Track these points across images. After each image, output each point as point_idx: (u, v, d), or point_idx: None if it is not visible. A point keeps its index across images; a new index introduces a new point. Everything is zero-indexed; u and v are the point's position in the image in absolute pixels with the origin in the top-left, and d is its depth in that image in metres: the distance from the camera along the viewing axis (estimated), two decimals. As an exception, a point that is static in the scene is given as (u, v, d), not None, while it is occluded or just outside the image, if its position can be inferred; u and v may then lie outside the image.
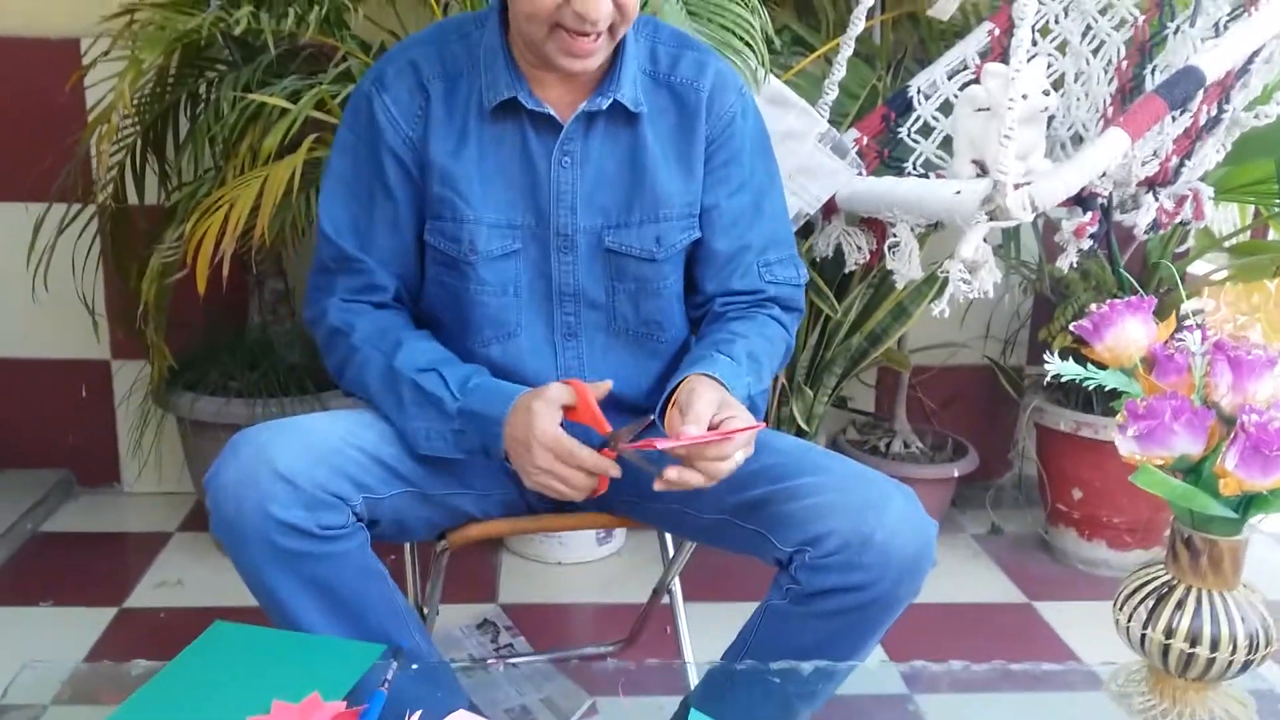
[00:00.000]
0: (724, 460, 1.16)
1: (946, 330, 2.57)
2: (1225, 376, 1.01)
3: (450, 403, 1.25)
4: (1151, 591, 1.06)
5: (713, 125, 1.34)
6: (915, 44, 2.39)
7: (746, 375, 1.28)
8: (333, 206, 1.34)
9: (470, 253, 1.31)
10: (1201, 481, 1.00)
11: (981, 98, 1.89)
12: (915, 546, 1.20)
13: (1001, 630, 2.14)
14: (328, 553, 1.20)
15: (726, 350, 1.29)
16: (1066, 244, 1.74)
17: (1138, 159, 1.73)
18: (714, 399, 1.19)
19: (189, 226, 1.79)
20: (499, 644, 1.98)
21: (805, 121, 1.92)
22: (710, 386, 1.21)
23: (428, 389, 1.26)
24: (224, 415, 2.13)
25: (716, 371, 1.24)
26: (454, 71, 1.31)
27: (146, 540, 2.37)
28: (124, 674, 1.09)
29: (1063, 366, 1.09)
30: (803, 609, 1.23)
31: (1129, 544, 2.32)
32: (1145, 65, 1.97)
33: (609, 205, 1.32)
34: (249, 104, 1.87)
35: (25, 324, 2.45)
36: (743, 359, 1.29)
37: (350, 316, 1.34)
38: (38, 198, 2.22)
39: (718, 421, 1.17)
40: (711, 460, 1.16)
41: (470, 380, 1.27)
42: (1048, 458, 2.39)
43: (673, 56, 1.34)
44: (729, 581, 1.90)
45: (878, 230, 1.98)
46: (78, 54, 2.30)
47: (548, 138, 1.30)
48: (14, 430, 2.53)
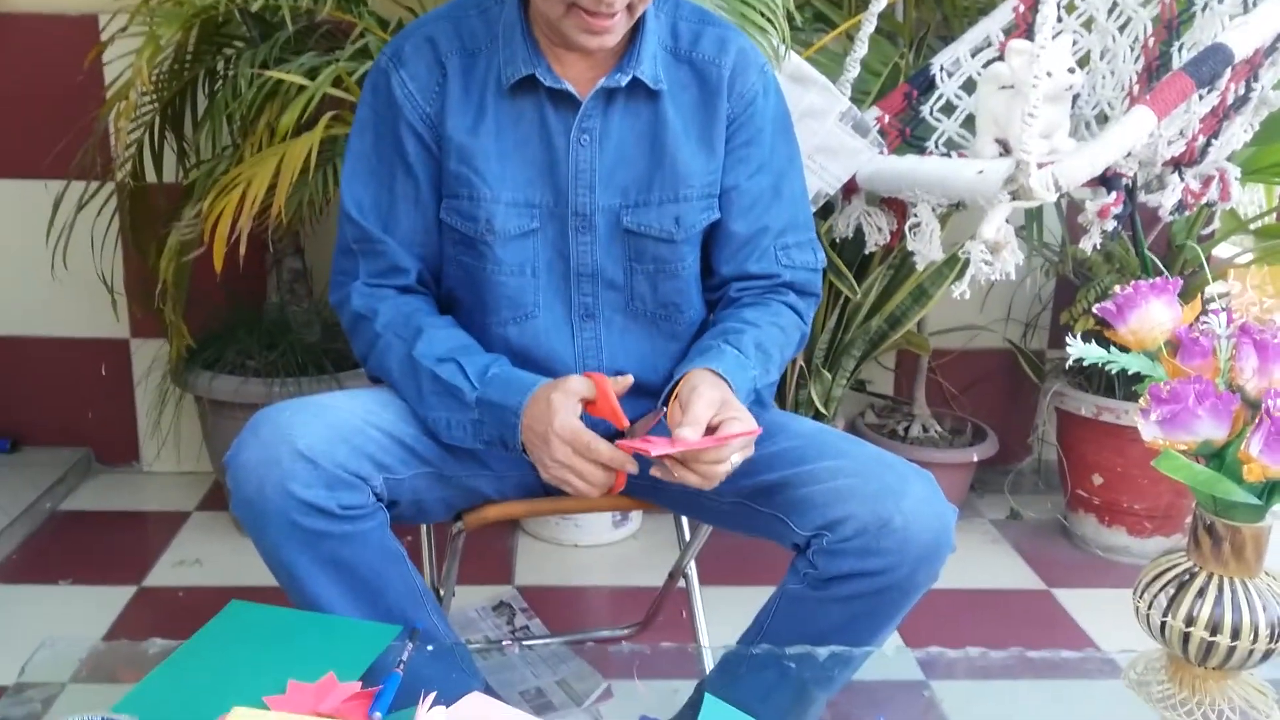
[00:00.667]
0: (720, 464, 1.15)
1: (967, 313, 2.55)
2: (1251, 360, 1.00)
3: (469, 392, 1.25)
4: (1172, 579, 1.05)
5: (734, 104, 1.32)
6: (938, 21, 2.36)
7: (753, 368, 1.27)
8: (354, 186, 1.33)
9: (487, 232, 1.30)
10: (1225, 467, 0.99)
11: (1005, 75, 1.87)
12: (934, 532, 1.19)
13: (1020, 617, 2.12)
14: (347, 532, 1.20)
15: (735, 342, 1.28)
16: (1090, 225, 1.72)
17: (1164, 138, 1.70)
18: (714, 398, 1.17)
19: (207, 204, 1.79)
20: (515, 626, 1.98)
21: (826, 99, 1.90)
22: (712, 385, 1.19)
23: (446, 379, 1.26)
24: (242, 394, 2.13)
25: (722, 366, 1.23)
26: (472, 47, 1.30)
27: (165, 519, 2.39)
28: (141, 652, 1.10)
29: (1085, 350, 1.08)
30: (820, 593, 1.22)
31: (1149, 530, 2.30)
32: (1172, 43, 1.94)
33: (628, 184, 1.31)
34: (266, 81, 1.87)
35: (45, 302, 2.46)
36: (751, 351, 1.27)
37: (374, 302, 1.33)
38: (56, 175, 2.22)
39: (716, 423, 1.16)
40: (707, 464, 1.15)
41: (489, 370, 1.26)
42: (1068, 443, 2.37)
43: (694, 33, 1.33)
44: (745, 565, 1.90)
45: (898, 210, 1.96)
46: (96, 30, 2.30)
47: (566, 115, 1.29)
48: (34, 408, 2.55)
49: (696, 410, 1.15)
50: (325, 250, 2.34)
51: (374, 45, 1.89)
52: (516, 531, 2.37)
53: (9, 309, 2.50)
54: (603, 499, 1.45)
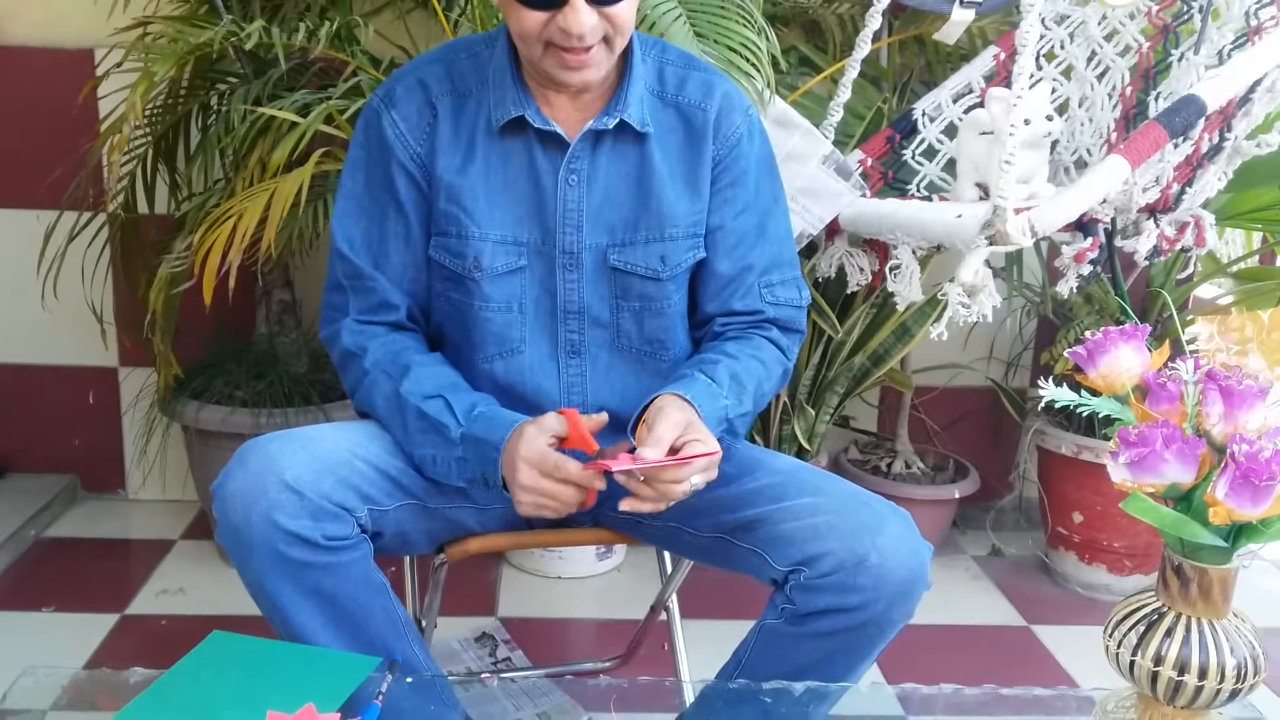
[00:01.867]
0: (677, 484, 1.17)
1: (949, 351, 2.58)
2: (1217, 405, 1.02)
3: (454, 429, 1.26)
4: (1142, 618, 1.07)
5: (719, 146, 1.35)
6: (921, 67, 2.41)
7: (725, 397, 1.29)
8: (346, 223, 1.36)
9: (474, 269, 1.32)
10: (1192, 510, 1.01)
11: (985, 121, 1.90)
12: (909, 569, 1.20)
13: (999, 653, 2.14)
14: (331, 563, 1.21)
15: (708, 371, 1.30)
16: (1067, 269, 1.75)
17: (1138, 186, 1.74)
18: (679, 420, 1.20)
19: (197, 237, 1.80)
20: (497, 657, 1.98)
21: (810, 143, 1.93)
22: (678, 407, 1.22)
23: (432, 415, 1.28)
24: (229, 424, 2.14)
25: (691, 392, 1.25)
26: (462, 90, 1.33)
27: (149, 547, 2.39)
28: (122, 681, 1.11)
29: (1057, 393, 1.10)
30: (797, 629, 1.23)
31: (1129, 569, 2.32)
32: (1149, 91, 1.98)
33: (615, 223, 1.34)
34: (259, 117, 1.89)
35: (35, 330, 2.47)
36: (724, 380, 1.30)
37: (363, 339, 1.35)
38: (49, 205, 2.24)
39: (680, 444, 1.18)
40: (665, 483, 1.17)
41: (476, 408, 1.28)
42: (1049, 480, 2.40)
43: (680, 77, 1.36)
44: (727, 599, 1.91)
45: (880, 251, 1.99)
46: (91, 64, 2.32)
47: (555, 156, 1.32)
48: (22, 435, 2.55)
49: (659, 431, 1.18)
50: (314, 283, 2.36)
51: (366, 84, 1.92)
52: (500, 563, 2.38)
53: (-1, 337, 2.51)
54: (584, 532, 1.47)
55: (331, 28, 1.83)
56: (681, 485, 1.18)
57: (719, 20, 1.75)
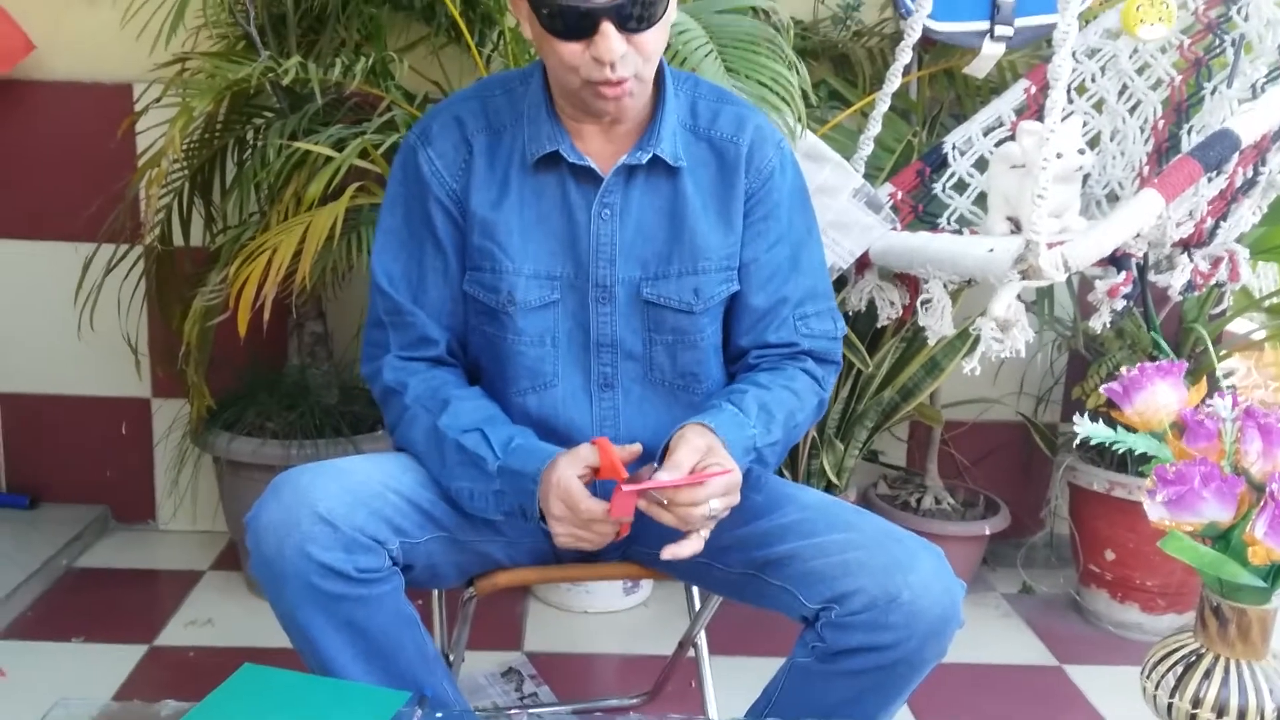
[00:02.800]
0: (695, 506, 1.17)
1: (980, 386, 2.56)
2: (1256, 443, 1.01)
3: (491, 461, 1.27)
4: (1180, 659, 1.05)
5: (752, 179, 1.36)
6: (951, 100, 2.41)
7: (752, 426, 1.28)
8: (385, 259, 1.37)
9: (509, 303, 1.33)
10: (1230, 549, 1.00)
11: (1016, 155, 1.90)
12: (942, 607, 1.19)
13: (1030, 693, 2.10)
14: (363, 595, 1.21)
15: (736, 400, 1.30)
16: (1100, 304, 1.74)
17: (1172, 220, 1.73)
18: (699, 445, 1.20)
19: (233, 270, 1.82)
20: (523, 693, 1.97)
21: (840, 176, 1.94)
22: (699, 434, 1.22)
23: (470, 448, 1.28)
24: (260, 456, 2.15)
25: (715, 421, 1.25)
26: (497, 125, 1.34)
27: (179, 578, 2.40)
28: (153, 715, 1.11)
29: (1092, 429, 1.09)
30: (828, 667, 1.22)
31: (1162, 607, 2.29)
32: (1182, 125, 1.97)
33: (648, 257, 1.34)
34: (294, 151, 1.92)
35: (70, 361, 2.50)
36: (752, 409, 1.29)
37: (404, 375, 1.36)
38: (87, 238, 2.28)
39: (701, 468, 1.19)
40: (684, 505, 1.17)
41: (513, 440, 1.28)
42: (1081, 517, 2.37)
43: (713, 111, 1.37)
44: (755, 636, 1.90)
45: (911, 285, 1.99)
46: (130, 99, 2.36)
47: (588, 190, 1.33)
48: (54, 465, 2.58)
49: (679, 456, 1.18)
50: (346, 314, 2.38)
51: (401, 118, 1.94)
52: (527, 597, 2.37)
53: (34, 367, 2.54)
54: (613, 566, 1.47)
55: (367, 63, 1.86)
56: (700, 508, 1.17)
57: (750, 55, 1.76)
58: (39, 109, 2.42)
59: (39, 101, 2.41)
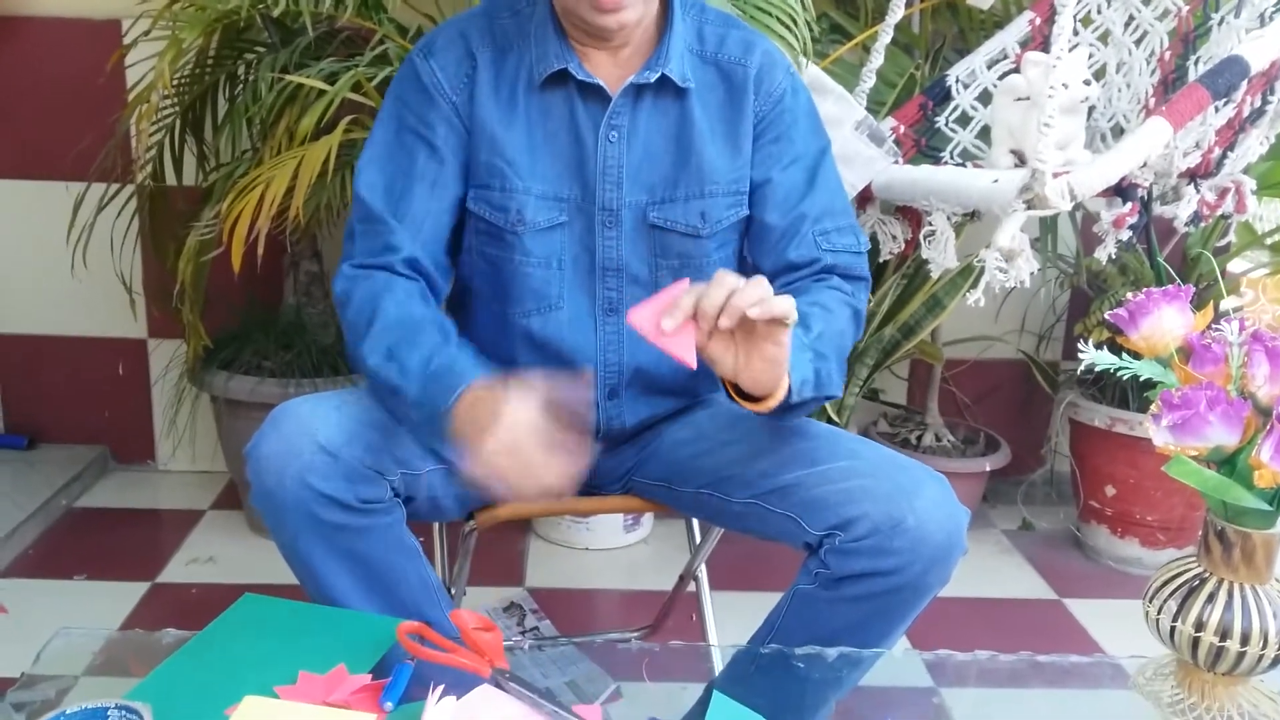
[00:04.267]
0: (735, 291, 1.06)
1: (981, 324, 2.55)
2: (1262, 367, 1.00)
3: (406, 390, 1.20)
4: (1183, 584, 1.05)
5: (762, 102, 1.35)
6: (954, 33, 2.37)
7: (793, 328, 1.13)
8: (370, 171, 1.32)
9: (517, 223, 1.31)
10: (1236, 473, 0.99)
11: (1021, 87, 1.87)
12: (946, 533, 1.18)
13: (1031, 626, 2.12)
14: (365, 526, 1.21)
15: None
16: (1105, 235, 1.72)
17: (1179, 150, 1.71)
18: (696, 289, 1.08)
19: (225, 205, 1.80)
20: (525, 627, 1.99)
21: (842, 108, 1.91)
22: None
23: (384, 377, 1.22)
24: (257, 395, 2.14)
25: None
26: (504, 45, 1.32)
27: (179, 517, 2.40)
28: (155, 642, 1.11)
29: (1098, 356, 1.08)
30: (831, 593, 1.22)
31: (1162, 542, 2.29)
32: (1188, 56, 1.94)
33: (655, 181, 1.33)
34: (287, 85, 1.89)
35: (64, 302, 2.49)
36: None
37: (350, 286, 1.29)
38: (77, 177, 2.25)
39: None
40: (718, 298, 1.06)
41: (432, 361, 1.20)
42: (1081, 454, 2.37)
43: (719, 36, 1.35)
44: (756, 571, 1.90)
45: (913, 219, 1.97)
46: (119, 34, 2.32)
47: (596, 111, 1.31)
48: (52, 406, 2.57)
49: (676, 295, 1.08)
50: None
51: (393, 52, 1.90)
52: (528, 534, 2.38)
53: (29, 308, 2.52)
54: (615, 500, 1.47)
55: (358, -5, 1.82)
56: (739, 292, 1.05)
57: (752, -21, 1.73)
58: (25, 45, 2.38)
59: (25, 38, 2.37)
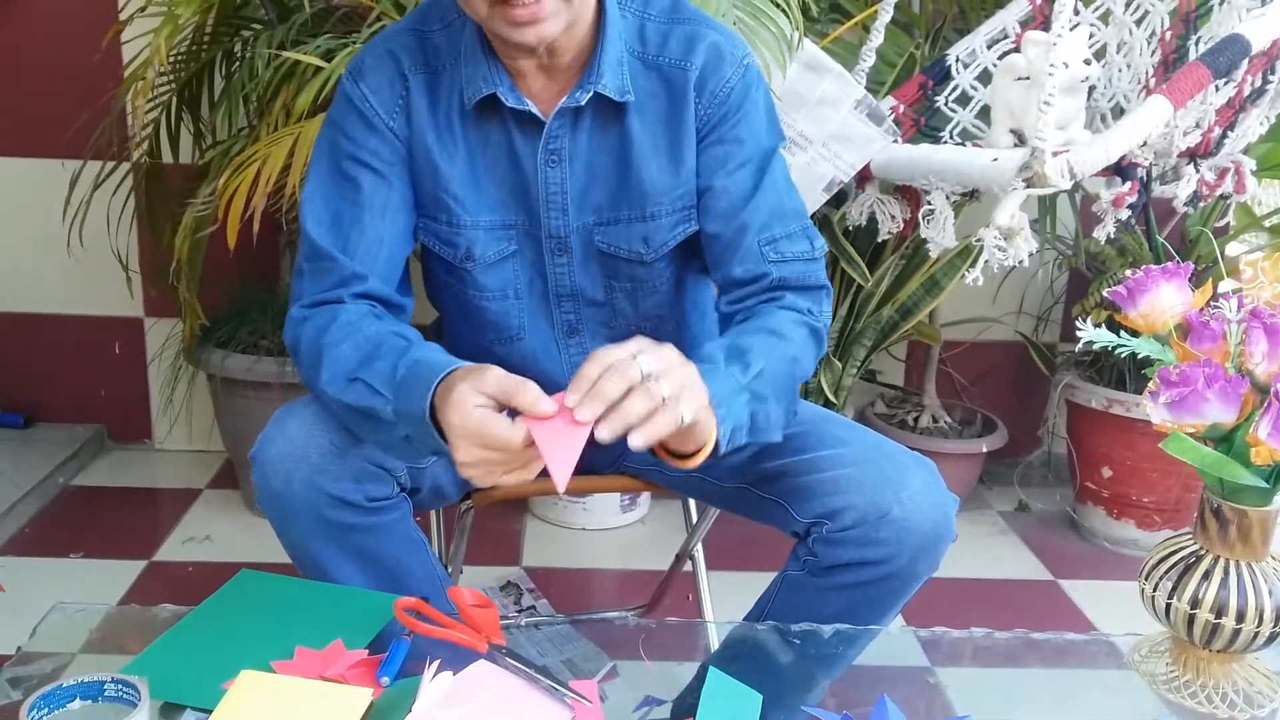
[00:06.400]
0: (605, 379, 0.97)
1: (979, 305, 2.55)
2: (1261, 344, 1.00)
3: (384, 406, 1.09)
4: (1178, 562, 1.05)
5: (705, 105, 1.23)
6: (954, 13, 2.36)
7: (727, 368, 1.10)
8: (314, 204, 1.23)
9: (467, 259, 1.26)
10: (1233, 450, 0.99)
11: (1021, 66, 1.86)
12: (934, 522, 1.17)
13: (1026, 606, 2.12)
14: (373, 524, 1.20)
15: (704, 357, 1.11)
16: (1104, 214, 1.72)
17: (1179, 129, 1.70)
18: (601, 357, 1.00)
19: (222, 182, 1.80)
20: (521, 605, 1.99)
21: (841, 88, 1.90)
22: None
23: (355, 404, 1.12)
24: (254, 373, 2.14)
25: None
26: (435, 65, 1.22)
27: (177, 496, 2.40)
28: (152, 618, 1.11)
29: (1096, 334, 1.08)
30: (819, 581, 1.22)
31: (1158, 524, 2.30)
32: (1189, 36, 1.93)
33: (601, 202, 1.25)
34: (283, 62, 1.87)
35: (60, 280, 2.48)
36: (719, 357, 1.12)
37: (298, 330, 1.21)
38: (73, 154, 2.24)
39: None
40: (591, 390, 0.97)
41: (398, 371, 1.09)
42: (1078, 435, 2.37)
43: (662, 34, 1.23)
44: (752, 550, 1.90)
45: (912, 199, 1.96)
46: (115, 9, 2.30)
47: (532, 136, 1.21)
48: (49, 385, 2.57)
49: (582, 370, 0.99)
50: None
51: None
52: (525, 514, 2.38)
53: (25, 286, 2.51)
54: (609, 479, 1.46)
55: (355, -30, 1.81)
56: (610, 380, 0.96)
57: (746, -40, 1.72)
58: (19, 21, 2.36)
59: (19, 13, 2.36)
